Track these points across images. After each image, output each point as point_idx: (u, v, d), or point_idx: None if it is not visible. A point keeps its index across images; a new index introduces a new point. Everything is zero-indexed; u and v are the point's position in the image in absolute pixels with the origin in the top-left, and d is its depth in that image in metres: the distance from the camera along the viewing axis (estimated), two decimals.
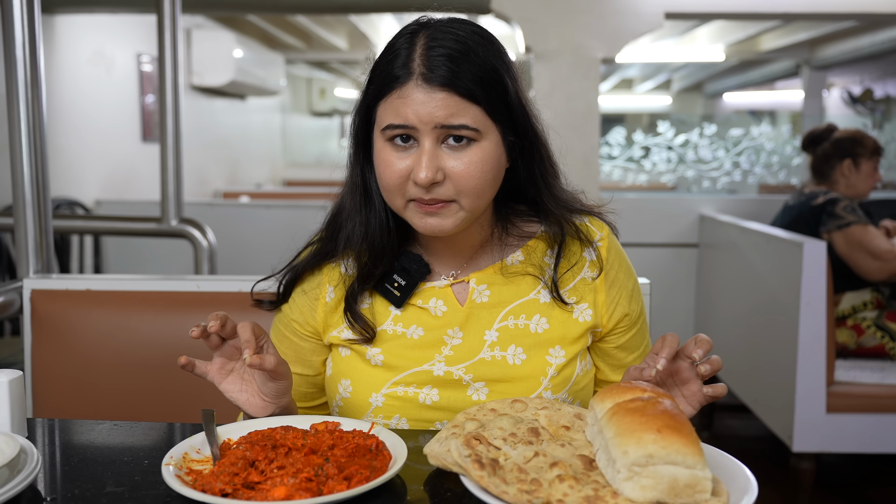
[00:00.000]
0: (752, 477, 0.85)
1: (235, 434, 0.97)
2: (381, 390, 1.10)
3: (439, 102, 0.99)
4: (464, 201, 1.02)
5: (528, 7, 3.51)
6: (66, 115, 3.89)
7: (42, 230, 1.73)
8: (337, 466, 0.85)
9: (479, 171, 1.01)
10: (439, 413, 1.09)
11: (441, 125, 0.99)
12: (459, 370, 1.10)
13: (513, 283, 1.12)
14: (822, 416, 2.57)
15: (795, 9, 3.81)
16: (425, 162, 0.99)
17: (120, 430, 1.05)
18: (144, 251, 3.88)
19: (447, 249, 1.14)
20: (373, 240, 1.11)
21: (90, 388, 1.54)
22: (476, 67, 1.00)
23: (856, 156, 2.93)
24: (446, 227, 1.03)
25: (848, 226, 2.78)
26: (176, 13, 2.51)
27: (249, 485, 0.83)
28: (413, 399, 1.09)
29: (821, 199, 2.88)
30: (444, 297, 1.12)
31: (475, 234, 1.13)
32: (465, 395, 1.09)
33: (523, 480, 0.82)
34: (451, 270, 1.14)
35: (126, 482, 0.88)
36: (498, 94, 1.02)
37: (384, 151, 1.03)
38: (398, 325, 1.12)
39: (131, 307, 1.57)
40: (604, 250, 1.14)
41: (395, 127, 1.01)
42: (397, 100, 1.01)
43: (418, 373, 1.10)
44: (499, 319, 1.11)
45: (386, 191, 1.05)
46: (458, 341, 1.11)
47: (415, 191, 1.02)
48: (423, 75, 0.99)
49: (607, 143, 4.85)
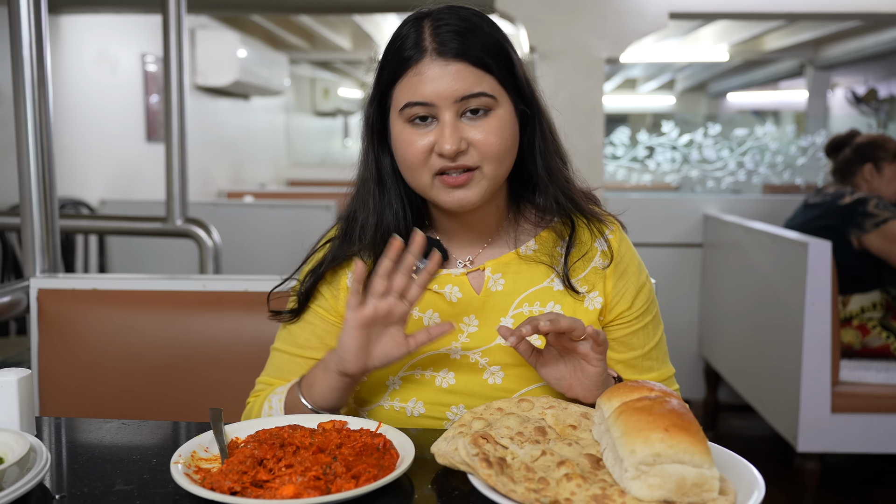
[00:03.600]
0: (759, 476, 0.85)
1: (243, 433, 0.98)
2: (398, 373, 1.11)
3: (455, 75, 1.02)
4: (487, 168, 1.05)
5: (532, 7, 3.51)
6: (71, 115, 3.90)
7: (49, 230, 1.74)
8: (345, 465, 0.85)
9: (500, 137, 1.05)
10: (456, 397, 1.10)
11: (460, 97, 1.02)
12: (476, 354, 1.11)
13: (527, 271, 1.14)
14: (826, 416, 2.57)
15: (799, 8, 3.80)
16: (448, 133, 1.02)
17: (128, 429, 1.05)
18: (149, 251, 3.88)
19: (464, 234, 1.15)
20: (387, 228, 1.11)
21: (96, 387, 1.55)
22: (484, 39, 1.05)
23: (877, 160, 2.92)
24: (472, 197, 1.06)
25: (885, 222, 2.74)
26: (181, 13, 2.52)
27: (258, 483, 0.83)
28: (430, 382, 1.10)
29: (848, 198, 2.83)
30: (460, 285, 1.13)
31: (491, 217, 1.14)
32: (482, 379, 1.10)
33: (531, 479, 0.82)
34: (468, 256, 1.15)
35: (135, 480, 0.88)
36: (506, 65, 1.06)
37: (404, 132, 1.06)
38: (415, 310, 1.13)
39: (137, 306, 1.57)
40: (615, 241, 1.16)
41: (414, 105, 1.03)
42: (414, 77, 1.04)
43: (435, 356, 1.11)
44: (514, 307, 1.12)
45: (410, 169, 1.07)
46: (474, 329, 1.12)
47: (439, 162, 1.04)
48: (436, 50, 1.03)
49: (611, 143, 4.85)
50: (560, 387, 1.04)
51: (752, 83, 9.92)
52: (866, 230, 2.77)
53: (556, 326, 0.97)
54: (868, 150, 2.93)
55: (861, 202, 2.80)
